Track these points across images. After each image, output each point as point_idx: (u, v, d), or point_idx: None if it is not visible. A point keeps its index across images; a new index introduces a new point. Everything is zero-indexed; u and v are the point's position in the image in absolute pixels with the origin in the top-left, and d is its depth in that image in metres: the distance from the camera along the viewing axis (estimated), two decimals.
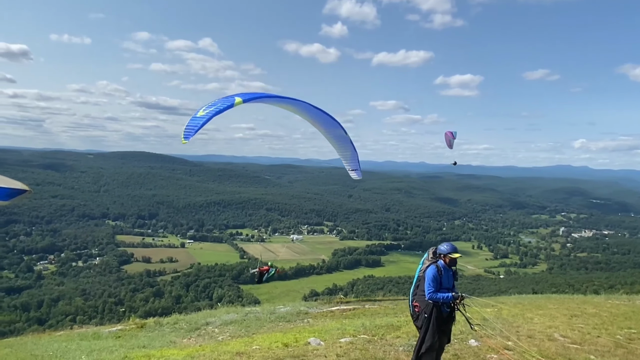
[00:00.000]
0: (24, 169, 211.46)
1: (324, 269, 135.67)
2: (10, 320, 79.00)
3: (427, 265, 7.84)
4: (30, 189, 6.22)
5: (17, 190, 6.10)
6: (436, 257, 7.87)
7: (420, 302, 7.74)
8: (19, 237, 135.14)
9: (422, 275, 7.80)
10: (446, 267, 7.79)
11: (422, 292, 7.70)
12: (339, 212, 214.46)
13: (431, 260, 7.85)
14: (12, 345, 11.25)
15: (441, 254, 7.85)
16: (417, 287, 7.88)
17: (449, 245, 7.93)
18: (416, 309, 7.81)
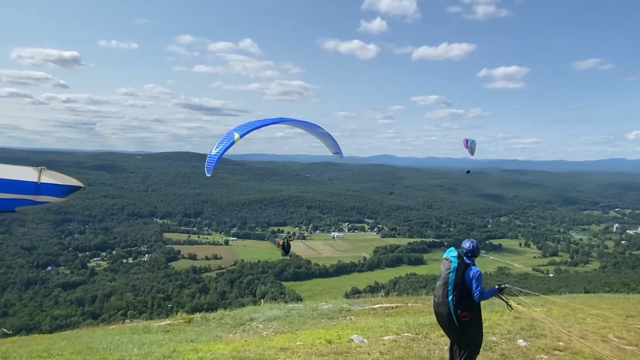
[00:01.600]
0: (78, 170, 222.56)
1: (365, 266, 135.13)
2: (66, 314, 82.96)
3: (464, 266, 7.05)
4: (84, 186, 6.34)
5: (73, 187, 6.23)
6: (469, 256, 7.22)
7: (468, 310, 6.88)
8: (73, 235, 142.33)
9: (460, 279, 6.94)
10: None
11: (466, 299, 6.88)
12: (380, 210, 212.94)
13: (466, 261, 7.14)
14: (69, 338, 11.87)
15: (476, 254, 7.25)
16: (457, 293, 6.86)
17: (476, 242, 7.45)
18: (464, 319, 6.82)
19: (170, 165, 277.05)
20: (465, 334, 6.93)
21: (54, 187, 6.07)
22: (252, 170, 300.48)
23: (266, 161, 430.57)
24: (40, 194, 6.03)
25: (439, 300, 6.99)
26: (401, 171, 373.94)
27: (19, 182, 5.89)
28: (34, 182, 5.88)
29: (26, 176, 5.89)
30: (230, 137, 11.22)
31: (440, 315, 7.02)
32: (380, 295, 21.23)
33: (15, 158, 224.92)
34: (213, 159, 11.04)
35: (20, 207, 6.17)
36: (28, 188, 5.90)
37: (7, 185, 5.85)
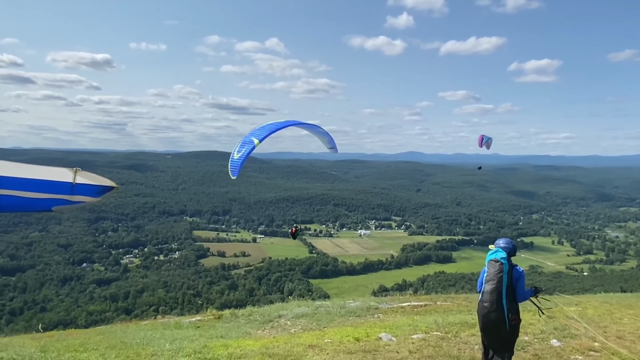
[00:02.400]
0: (110, 169, 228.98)
1: (392, 264, 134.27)
2: (101, 310, 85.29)
3: (511, 266, 6.79)
4: (117, 186, 6.46)
5: (106, 187, 6.39)
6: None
7: (517, 312, 6.71)
8: (107, 233, 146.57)
9: (510, 282, 6.67)
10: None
11: (515, 301, 6.70)
12: (407, 207, 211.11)
13: (509, 260, 6.84)
14: (103, 333, 12.24)
15: (514, 254, 6.96)
16: (508, 295, 6.60)
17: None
18: (513, 322, 6.60)
19: (199, 164, 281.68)
20: (512, 338, 6.74)
21: (89, 187, 6.25)
22: (279, 168, 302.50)
23: (293, 159, 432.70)
24: (76, 194, 6.21)
25: (492, 306, 6.61)
26: (429, 168, 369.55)
27: (56, 183, 6.08)
28: (69, 183, 6.08)
29: (62, 177, 6.09)
30: (251, 143, 12.04)
31: (490, 320, 6.66)
32: (409, 293, 21.08)
33: (51, 158, 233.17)
34: (237, 162, 11.89)
35: (57, 207, 6.32)
36: (64, 188, 6.10)
37: (45, 185, 6.06)
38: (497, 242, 7.16)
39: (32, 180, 6.04)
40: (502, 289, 6.59)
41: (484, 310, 6.74)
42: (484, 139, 25.06)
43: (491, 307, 6.59)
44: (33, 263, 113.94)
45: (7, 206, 6.42)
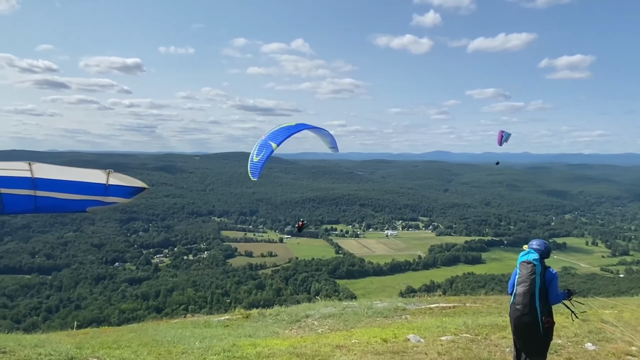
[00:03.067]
0: (141, 171, 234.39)
1: (420, 265, 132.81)
2: (133, 308, 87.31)
3: (544, 268, 6.64)
4: (148, 187, 6.70)
5: (138, 188, 6.61)
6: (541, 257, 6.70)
7: (551, 315, 6.59)
8: (138, 233, 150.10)
9: (543, 284, 6.53)
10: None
11: (548, 304, 6.57)
12: (435, 207, 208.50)
13: (542, 262, 6.67)
14: (135, 331, 12.56)
15: (547, 256, 6.75)
16: (541, 298, 6.46)
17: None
18: (547, 324, 6.49)
19: (226, 165, 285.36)
20: (545, 341, 6.60)
21: (121, 188, 6.48)
22: (305, 168, 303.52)
23: (318, 159, 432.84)
24: (109, 195, 6.46)
25: (524, 308, 6.49)
26: (457, 167, 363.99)
27: (90, 184, 6.34)
28: (102, 184, 6.32)
29: (96, 178, 6.34)
30: (269, 146, 12.73)
31: (523, 323, 6.53)
32: (437, 294, 20.81)
33: (85, 161, 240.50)
34: (257, 165, 12.60)
35: (91, 208, 6.60)
36: (98, 190, 6.34)
37: (79, 187, 6.33)
38: (531, 244, 7.01)
39: (67, 182, 6.29)
40: (534, 291, 6.46)
41: (516, 313, 6.62)
42: (504, 135, 24.56)
43: (524, 310, 6.47)
44: (68, 262, 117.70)
45: (45, 207, 6.58)
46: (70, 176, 6.37)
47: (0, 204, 6.17)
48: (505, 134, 24.62)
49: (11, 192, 6.13)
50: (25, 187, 6.16)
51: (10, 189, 6.09)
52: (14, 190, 6.14)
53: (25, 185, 6.14)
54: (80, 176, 6.40)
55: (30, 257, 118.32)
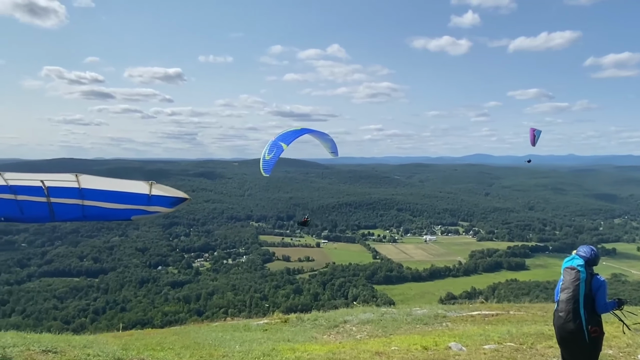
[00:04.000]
0: (182, 177, 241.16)
1: (460, 271, 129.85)
2: (175, 311, 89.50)
3: (591, 274, 6.37)
4: (189, 197, 7.07)
5: (180, 199, 6.99)
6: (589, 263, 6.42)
7: (598, 324, 6.26)
8: (180, 238, 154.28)
9: (589, 291, 6.26)
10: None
11: (595, 312, 6.28)
12: (475, 212, 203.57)
13: (588, 268, 6.37)
14: (178, 333, 12.87)
15: (596, 263, 6.46)
16: (586, 305, 6.19)
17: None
18: (594, 334, 6.20)
19: None
20: (593, 352, 6.29)
21: (163, 198, 6.88)
22: (341, 173, 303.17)
23: (355, 164, 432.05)
24: (152, 205, 6.88)
25: (567, 315, 6.24)
26: (498, 170, 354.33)
27: (134, 194, 6.78)
28: (146, 195, 6.73)
29: (139, 189, 6.77)
30: (280, 147, 14.03)
31: (567, 331, 6.28)
32: (479, 301, 20.27)
33: (129, 168, 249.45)
34: (269, 162, 13.99)
35: (136, 216, 7.12)
36: (141, 200, 6.78)
37: (124, 197, 6.79)
38: (578, 250, 6.72)
39: (112, 192, 6.75)
40: (579, 298, 6.18)
41: (559, 321, 6.36)
42: (536, 134, 23.68)
43: (567, 317, 6.21)
44: (114, 266, 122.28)
45: (92, 215, 7.14)
46: (115, 187, 6.82)
47: (51, 212, 6.71)
48: (537, 132, 23.79)
49: (60, 202, 6.64)
50: (73, 197, 6.62)
51: (59, 199, 6.60)
52: (63, 200, 6.64)
53: (73, 195, 6.59)
54: (125, 187, 6.85)
55: (79, 260, 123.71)
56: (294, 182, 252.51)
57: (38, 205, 6.61)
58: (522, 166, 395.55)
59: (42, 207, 6.65)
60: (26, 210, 6.68)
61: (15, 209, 6.60)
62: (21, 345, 8.36)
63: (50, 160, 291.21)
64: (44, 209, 6.68)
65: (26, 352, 8.07)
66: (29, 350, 8.15)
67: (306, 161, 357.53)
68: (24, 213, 6.73)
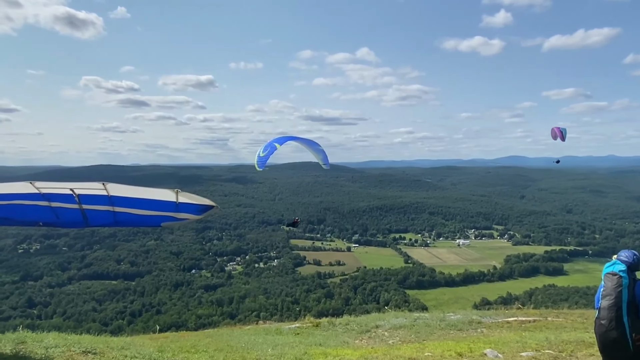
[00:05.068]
0: (214, 182, 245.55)
1: (495, 276, 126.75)
2: (208, 314, 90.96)
3: (634, 280, 6.07)
4: (217, 205, 7.33)
5: (207, 206, 7.25)
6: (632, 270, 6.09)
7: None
8: (212, 241, 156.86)
9: (632, 297, 5.97)
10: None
11: (636, 318, 5.97)
12: (510, 215, 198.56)
13: (631, 274, 6.05)
14: (211, 336, 13.05)
15: (638, 268, 6.12)
16: (630, 313, 5.91)
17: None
18: (638, 342, 5.88)
19: (294, 175, 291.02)
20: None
21: (191, 206, 7.18)
22: (371, 177, 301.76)
23: (385, 167, 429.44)
24: (180, 212, 7.18)
25: (610, 323, 5.96)
26: (533, 173, 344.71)
27: (162, 202, 7.08)
28: (173, 202, 7.03)
29: (167, 197, 7.07)
30: (273, 146, 16.01)
31: (610, 340, 5.99)
32: (515, 307, 19.72)
33: (164, 173, 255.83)
34: (262, 159, 15.85)
35: (165, 223, 7.45)
36: (169, 207, 7.08)
37: (152, 204, 7.12)
38: (619, 254, 6.43)
39: (141, 200, 7.12)
40: (621, 304, 5.88)
41: (601, 329, 6.04)
42: (563, 132, 22.94)
43: (609, 325, 5.92)
44: (150, 269, 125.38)
45: (123, 221, 7.54)
46: (143, 195, 7.18)
47: (84, 217, 7.18)
48: (563, 129, 23.08)
49: (92, 208, 7.07)
50: (104, 204, 7.01)
51: (91, 205, 7.03)
52: (94, 206, 7.07)
53: (104, 202, 6.99)
54: (154, 195, 7.17)
55: (116, 264, 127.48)
56: (324, 186, 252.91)
57: (72, 211, 7.04)
58: (559, 168, 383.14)
59: (75, 213, 7.07)
60: (61, 216, 7.13)
61: (51, 214, 7.04)
62: (62, 346, 8.69)
63: (89, 167, 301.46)
64: (77, 215, 7.10)
65: (67, 353, 8.37)
66: (70, 351, 8.45)
67: (336, 165, 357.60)
68: (59, 218, 7.18)
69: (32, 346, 8.60)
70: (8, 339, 8.89)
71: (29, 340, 8.94)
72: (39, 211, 6.92)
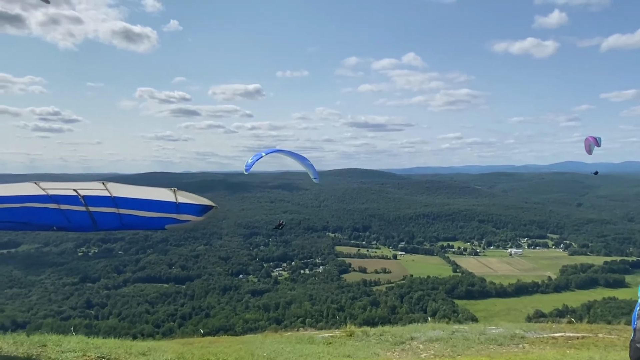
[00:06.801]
0: (262, 189, 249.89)
1: (550, 287, 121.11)
2: (255, 318, 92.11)
3: None
4: (216, 205, 6.97)
5: (207, 207, 6.93)
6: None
7: None
8: (259, 247, 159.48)
9: None
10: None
11: None
12: (567, 224, 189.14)
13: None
14: (244, 342, 13.17)
15: None
16: None
17: None
18: None
19: (339, 181, 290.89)
20: None
21: (191, 206, 6.86)
22: (418, 183, 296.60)
23: (432, 174, 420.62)
24: (182, 213, 6.90)
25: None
26: (591, 179, 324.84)
27: (162, 202, 6.81)
28: (173, 202, 6.75)
29: (166, 197, 6.78)
30: (260, 154, 18.43)
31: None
32: (566, 321, 18.73)
33: (214, 180, 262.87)
34: (249, 165, 18.40)
35: (169, 225, 7.13)
36: (170, 207, 6.80)
37: (154, 205, 6.86)
38: None
39: (143, 200, 6.87)
40: None
41: (636, 354, 5.41)
42: (598, 140, 21.67)
43: None
44: (199, 273, 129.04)
45: (129, 224, 7.31)
46: (143, 195, 6.92)
47: (93, 221, 7.01)
48: (598, 138, 21.85)
49: (99, 210, 6.91)
50: (109, 206, 6.83)
51: (97, 207, 6.86)
52: (101, 209, 6.89)
53: (108, 204, 6.80)
54: (152, 195, 6.91)
55: (168, 267, 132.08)
56: (370, 192, 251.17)
57: (81, 214, 6.95)
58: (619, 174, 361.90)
59: (84, 216, 6.97)
60: (72, 219, 7.07)
61: (62, 218, 7.00)
62: (79, 350, 8.99)
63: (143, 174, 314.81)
64: (86, 218, 7.00)
65: (82, 358, 8.61)
66: (85, 356, 8.70)
67: (381, 172, 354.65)
68: (70, 222, 7.12)
69: (50, 350, 8.90)
70: (31, 341, 9.24)
71: (49, 344, 9.24)
72: (52, 215, 6.90)
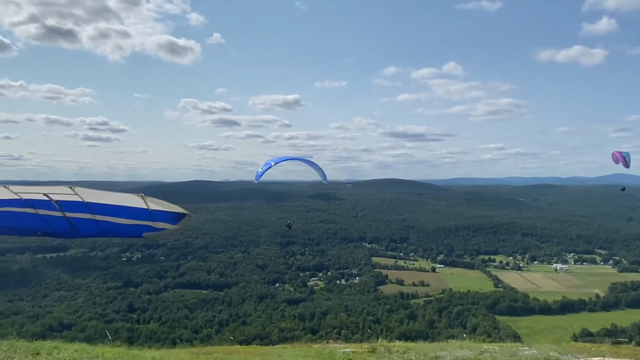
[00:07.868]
0: (299, 198, 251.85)
1: (598, 305, 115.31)
2: (290, 328, 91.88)
3: None
4: (189, 213, 6.83)
5: (180, 214, 6.81)
6: None
7: None
8: (296, 256, 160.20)
9: None
10: None
11: None
12: (616, 239, 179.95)
13: None
14: (264, 354, 13.21)
15: None
16: None
17: None
18: None
19: (376, 191, 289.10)
20: None
21: (164, 214, 6.78)
22: (458, 195, 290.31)
23: (473, 185, 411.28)
24: (156, 221, 6.81)
25: None
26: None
27: (135, 209, 6.71)
28: (146, 209, 6.66)
29: (137, 203, 6.68)
30: (269, 163, 19.21)
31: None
32: (609, 342, 17.77)
33: (252, 189, 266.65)
34: (259, 173, 19.27)
35: (147, 233, 7.02)
36: (144, 214, 6.71)
37: (128, 211, 6.76)
38: None
39: (118, 207, 6.77)
40: None
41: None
42: (626, 157, 20.59)
43: None
44: (237, 280, 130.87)
45: (107, 232, 7.21)
46: (113, 200, 6.81)
47: (73, 227, 6.93)
48: (625, 153, 20.81)
49: (76, 216, 6.81)
50: (83, 211, 6.73)
51: (73, 213, 6.76)
52: (77, 214, 6.79)
53: (82, 209, 6.70)
54: (123, 200, 6.80)
55: (207, 274, 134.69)
56: (408, 203, 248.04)
57: (59, 220, 6.83)
58: None
59: (63, 222, 6.85)
60: (54, 225, 6.96)
61: (44, 223, 6.90)
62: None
63: (184, 183, 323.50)
64: (65, 224, 6.88)
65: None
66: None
67: (420, 182, 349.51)
68: (52, 227, 7.02)
69: (43, 358, 8.93)
70: (26, 348, 9.30)
71: (42, 352, 9.30)
72: (33, 220, 6.80)
